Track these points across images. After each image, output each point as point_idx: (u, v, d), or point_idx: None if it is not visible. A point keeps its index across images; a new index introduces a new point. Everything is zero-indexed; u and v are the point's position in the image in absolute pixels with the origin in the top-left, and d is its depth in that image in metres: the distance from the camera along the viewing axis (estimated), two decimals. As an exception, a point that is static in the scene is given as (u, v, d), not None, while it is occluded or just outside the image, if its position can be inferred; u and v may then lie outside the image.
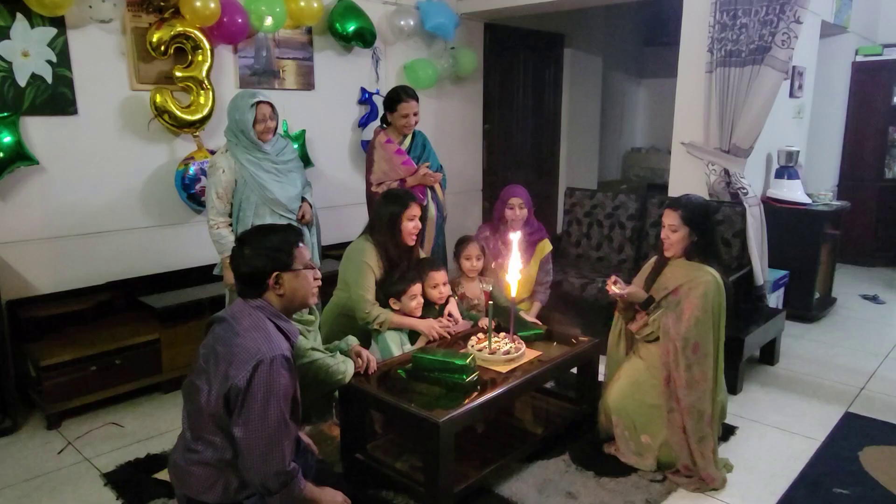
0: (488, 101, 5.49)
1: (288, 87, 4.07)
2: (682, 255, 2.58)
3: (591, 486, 2.45)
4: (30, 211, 3.16)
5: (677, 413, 2.47)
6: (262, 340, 1.69)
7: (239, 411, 1.65)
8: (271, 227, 1.88)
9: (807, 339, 4.09)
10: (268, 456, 1.66)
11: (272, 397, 1.65)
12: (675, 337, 2.46)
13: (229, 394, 1.66)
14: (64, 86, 3.18)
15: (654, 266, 2.68)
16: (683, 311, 2.48)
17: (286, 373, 1.70)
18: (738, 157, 3.79)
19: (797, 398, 3.25)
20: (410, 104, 3.37)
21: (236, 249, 1.82)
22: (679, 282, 2.54)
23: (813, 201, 4.46)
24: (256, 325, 1.74)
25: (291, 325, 1.85)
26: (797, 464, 2.63)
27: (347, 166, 4.47)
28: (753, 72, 3.65)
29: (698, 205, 2.56)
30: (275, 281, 1.80)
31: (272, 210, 3.05)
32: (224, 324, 1.77)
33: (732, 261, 3.74)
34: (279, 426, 1.67)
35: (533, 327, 2.90)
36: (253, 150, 3.02)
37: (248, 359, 1.66)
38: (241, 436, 1.65)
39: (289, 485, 1.71)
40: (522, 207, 3.35)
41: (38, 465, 2.65)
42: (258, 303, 1.80)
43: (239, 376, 1.64)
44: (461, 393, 2.28)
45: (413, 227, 2.86)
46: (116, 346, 3.08)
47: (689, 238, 2.54)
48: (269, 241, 1.81)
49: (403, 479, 2.33)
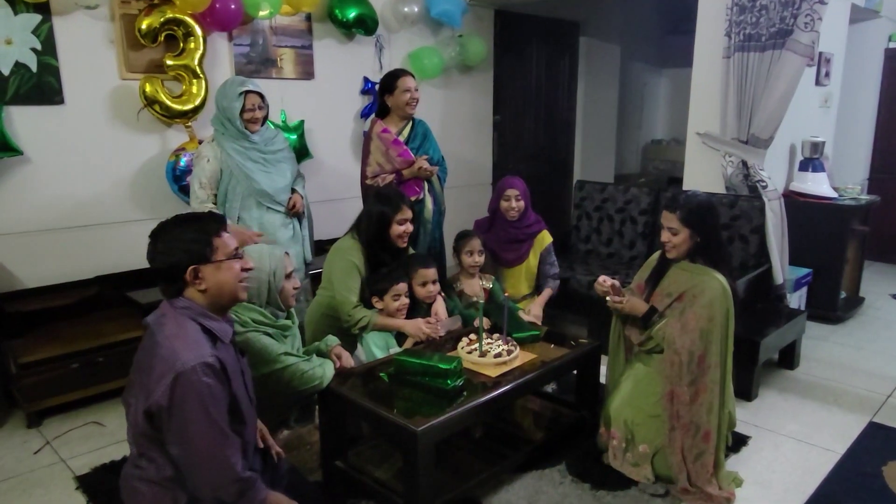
0: (499, 91, 5.30)
1: (286, 77, 3.95)
2: (686, 258, 2.39)
3: (586, 499, 2.28)
4: (15, 203, 3.08)
5: (678, 431, 2.28)
6: (181, 349, 1.53)
7: (168, 429, 1.52)
8: (187, 217, 1.71)
9: (831, 341, 3.85)
10: (213, 469, 1.53)
11: (200, 410, 1.51)
12: (681, 349, 2.27)
13: (150, 410, 1.53)
14: (49, 75, 3.09)
15: (657, 266, 2.49)
16: (688, 320, 2.29)
17: (210, 380, 1.54)
18: (757, 148, 3.56)
19: (817, 406, 3.03)
20: (409, 79, 3.21)
21: (150, 243, 1.65)
22: (683, 287, 2.35)
23: (840, 195, 4.20)
24: (177, 330, 1.58)
25: (221, 324, 1.68)
26: (814, 479, 2.42)
27: (349, 158, 4.33)
28: (774, 56, 3.42)
29: (698, 204, 2.34)
30: (193, 276, 1.63)
31: (258, 202, 2.94)
32: (148, 330, 1.64)
33: (750, 258, 3.52)
34: (216, 437, 1.53)
35: (530, 328, 2.73)
36: (240, 140, 2.92)
37: (166, 371, 1.51)
38: (179, 454, 1.53)
39: (246, 494, 1.58)
40: (519, 199, 3.19)
41: (12, 465, 2.57)
42: (182, 303, 1.64)
43: (158, 392, 1.50)
44: (445, 399, 2.12)
45: (403, 230, 2.72)
46: (100, 343, 2.98)
47: (692, 239, 2.34)
48: (184, 231, 1.64)
49: (383, 490, 2.18)
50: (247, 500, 1.59)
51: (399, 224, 2.71)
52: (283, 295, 2.23)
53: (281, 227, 3.04)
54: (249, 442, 1.74)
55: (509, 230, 3.24)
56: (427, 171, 3.22)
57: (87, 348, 2.95)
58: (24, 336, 3.00)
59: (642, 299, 2.46)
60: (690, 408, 2.26)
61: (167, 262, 1.62)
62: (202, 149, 2.94)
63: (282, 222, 3.05)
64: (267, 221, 2.99)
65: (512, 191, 3.19)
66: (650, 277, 2.50)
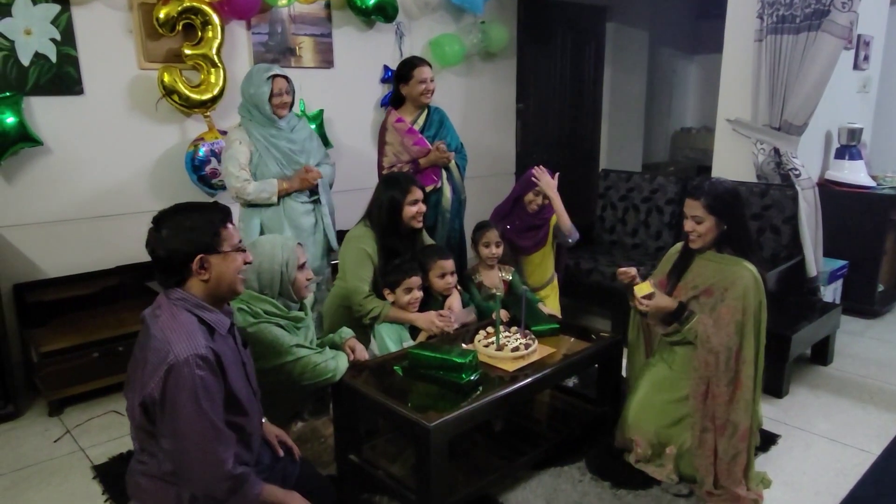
0: (522, 78, 5.19)
1: (305, 66, 3.91)
2: (713, 247, 2.28)
3: (606, 498, 2.21)
4: (36, 193, 3.10)
5: (711, 433, 2.18)
6: (175, 340, 1.49)
7: (161, 422, 1.49)
8: (193, 206, 1.67)
9: (867, 336, 3.70)
10: (203, 464, 1.49)
11: (192, 403, 1.47)
12: (718, 347, 2.17)
13: (145, 403, 1.50)
14: (69, 65, 3.09)
15: (680, 258, 2.38)
16: (722, 314, 2.18)
17: (204, 373, 1.50)
18: (790, 135, 3.42)
19: (851, 404, 2.90)
20: (425, 69, 3.15)
21: (152, 230, 1.60)
22: (712, 280, 2.24)
23: (878, 184, 4.03)
24: (172, 322, 1.54)
25: (218, 315, 1.64)
26: (847, 481, 2.31)
27: (368, 147, 4.28)
28: (809, 39, 3.26)
29: (724, 190, 2.23)
30: (199, 265, 1.59)
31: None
32: (144, 324, 1.60)
33: (781, 249, 3.39)
34: (208, 432, 1.49)
35: (549, 320, 2.65)
36: (267, 127, 2.91)
37: (160, 364, 1.47)
38: (170, 448, 1.50)
39: (238, 490, 1.54)
40: (546, 198, 3.09)
41: (33, 453, 2.59)
42: (178, 294, 1.60)
43: (151, 385, 1.47)
44: (460, 394, 2.07)
45: (416, 210, 2.67)
46: (120, 332, 2.99)
47: (718, 228, 2.22)
48: (191, 220, 1.59)
49: (397, 486, 2.14)
50: (240, 497, 1.56)
51: (411, 206, 2.66)
52: (296, 286, 2.20)
53: (304, 214, 3.02)
54: (253, 434, 1.71)
55: (525, 218, 3.16)
56: (444, 155, 3.15)
57: (107, 338, 2.96)
58: (46, 325, 3.03)
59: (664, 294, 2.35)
60: (728, 407, 2.17)
61: (173, 250, 1.57)
62: (232, 133, 2.94)
63: (305, 210, 3.02)
64: (290, 208, 2.97)
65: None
66: (673, 270, 2.40)
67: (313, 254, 3.04)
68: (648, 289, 2.28)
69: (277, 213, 2.95)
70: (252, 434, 1.70)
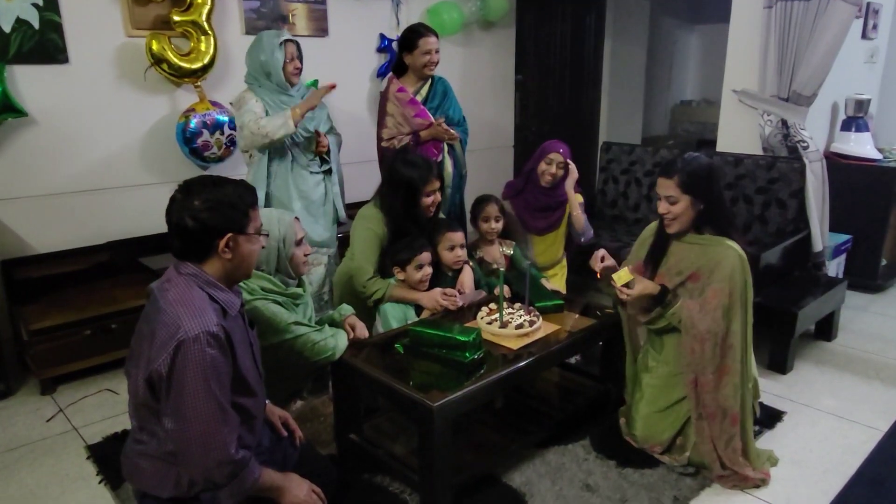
0: (521, 49, 5.06)
1: (299, 34, 3.77)
2: (691, 229, 2.17)
3: (612, 477, 2.17)
4: (22, 166, 2.99)
5: (704, 420, 2.13)
6: (185, 316, 1.43)
7: (166, 401, 1.43)
8: (223, 179, 1.59)
9: (870, 311, 3.66)
10: (206, 447, 1.43)
11: (200, 382, 1.41)
12: (704, 333, 2.07)
13: (151, 379, 1.43)
14: (52, 31, 2.96)
15: (656, 242, 2.26)
16: (708, 299, 2.08)
17: (214, 351, 1.43)
18: (799, 106, 3.33)
19: (857, 380, 2.87)
20: (431, 39, 3.03)
21: (180, 198, 1.51)
22: (697, 263, 2.13)
23: (884, 157, 3.95)
24: (182, 296, 1.47)
25: (229, 295, 1.57)
26: (854, 458, 2.28)
27: (365, 118, 4.18)
28: (821, 6, 3.16)
29: (698, 166, 2.09)
30: (227, 244, 1.52)
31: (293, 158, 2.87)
32: (151, 297, 1.53)
33: (787, 224, 3.33)
34: (214, 414, 1.43)
35: (553, 297, 2.59)
36: (279, 94, 2.80)
37: (169, 339, 1.41)
38: (172, 427, 1.43)
39: (238, 475, 1.49)
40: (561, 167, 2.99)
41: (25, 432, 2.53)
42: (189, 269, 1.52)
43: (159, 360, 1.41)
44: (463, 373, 2.01)
45: (432, 201, 2.59)
46: (112, 309, 2.92)
47: (694, 208, 2.10)
48: (224, 194, 1.52)
49: (398, 466, 2.09)
50: (239, 481, 1.51)
51: (427, 196, 2.58)
52: (294, 262, 2.13)
53: (314, 185, 2.94)
54: (257, 416, 1.65)
55: (540, 197, 3.03)
56: (447, 134, 3.05)
57: (99, 315, 2.90)
58: (36, 302, 2.95)
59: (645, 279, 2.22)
60: (716, 394, 2.11)
61: (203, 222, 1.49)
62: (242, 94, 2.81)
63: (315, 181, 2.95)
64: (301, 179, 2.89)
65: (556, 155, 2.96)
66: (650, 255, 2.28)
67: (323, 225, 2.97)
68: (628, 276, 2.15)
69: (286, 184, 2.86)
70: (256, 417, 1.64)
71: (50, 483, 2.21)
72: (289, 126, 2.69)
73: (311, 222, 2.90)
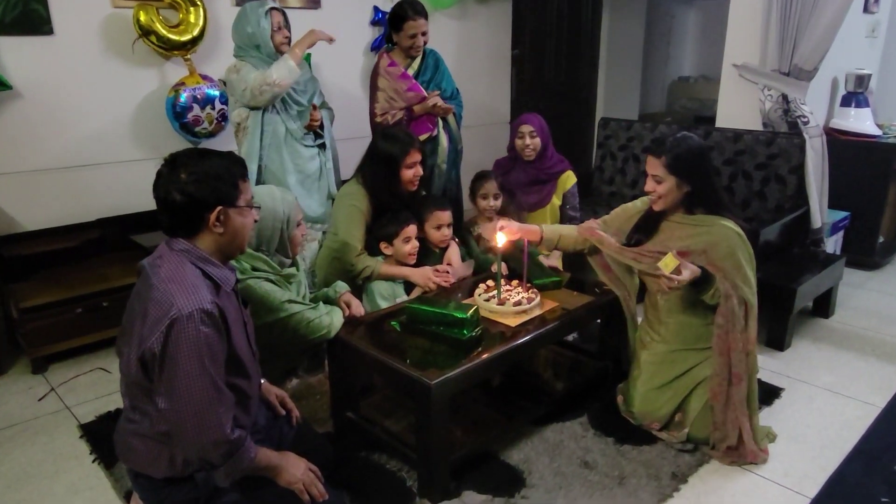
0: (518, 23, 4.97)
1: (290, 6, 3.68)
2: (681, 209, 2.14)
3: (610, 454, 2.16)
4: (8, 141, 2.92)
5: (734, 387, 2.08)
6: (178, 293, 1.39)
7: (159, 380, 1.39)
8: (211, 151, 1.54)
9: (867, 288, 3.66)
10: (201, 427, 1.40)
11: (195, 361, 1.37)
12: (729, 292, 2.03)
13: (144, 358, 1.40)
14: (36, 2, 2.87)
15: (646, 217, 2.23)
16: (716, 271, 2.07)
17: (209, 329, 1.40)
18: (800, 81, 3.29)
19: (853, 356, 2.87)
20: (418, 22, 2.95)
21: (166, 172, 1.46)
22: (685, 243, 2.09)
23: (884, 133, 3.92)
24: (175, 273, 1.43)
25: (223, 271, 1.54)
26: (852, 434, 2.28)
27: (358, 94, 4.10)
28: (824, -23, 3.10)
29: (687, 149, 2.05)
30: (217, 217, 1.48)
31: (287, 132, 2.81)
32: (142, 274, 1.49)
33: (786, 200, 3.30)
34: (208, 393, 1.40)
35: (551, 274, 2.56)
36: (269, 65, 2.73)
37: (161, 317, 1.37)
38: (166, 407, 1.40)
39: (234, 455, 1.47)
40: (534, 136, 2.97)
41: (17, 411, 2.50)
42: (181, 245, 1.48)
43: (152, 338, 1.37)
44: (461, 350, 1.98)
45: (413, 174, 2.54)
46: (104, 287, 2.88)
47: (679, 189, 2.07)
48: (213, 166, 1.48)
49: (395, 443, 2.08)
50: (235, 461, 1.48)
51: (408, 168, 2.53)
52: (293, 243, 2.10)
53: (310, 159, 2.90)
54: (252, 396, 1.62)
55: (529, 171, 3.03)
56: (441, 108, 3.00)
57: (91, 292, 2.85)
58: (26, 280, 2.90)
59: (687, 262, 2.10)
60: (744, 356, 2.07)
61: (191, 195, 1.44)
62: (234, 63, 2.76)
63: (310, 155, 2.90)
64: (296, 153, 2.84)
65: (526, 127, 2.97)
66: (637, 230, 2.25)
67: (317, 200, 2.93)
68: (675, 262, 1.97)
69: (280, 157, 2.81)
70: (251, 398, 1.61)
71: (43, 462, 2.19)
72: (294, 70, 2.67)
73: (306, 196, 2.86)
